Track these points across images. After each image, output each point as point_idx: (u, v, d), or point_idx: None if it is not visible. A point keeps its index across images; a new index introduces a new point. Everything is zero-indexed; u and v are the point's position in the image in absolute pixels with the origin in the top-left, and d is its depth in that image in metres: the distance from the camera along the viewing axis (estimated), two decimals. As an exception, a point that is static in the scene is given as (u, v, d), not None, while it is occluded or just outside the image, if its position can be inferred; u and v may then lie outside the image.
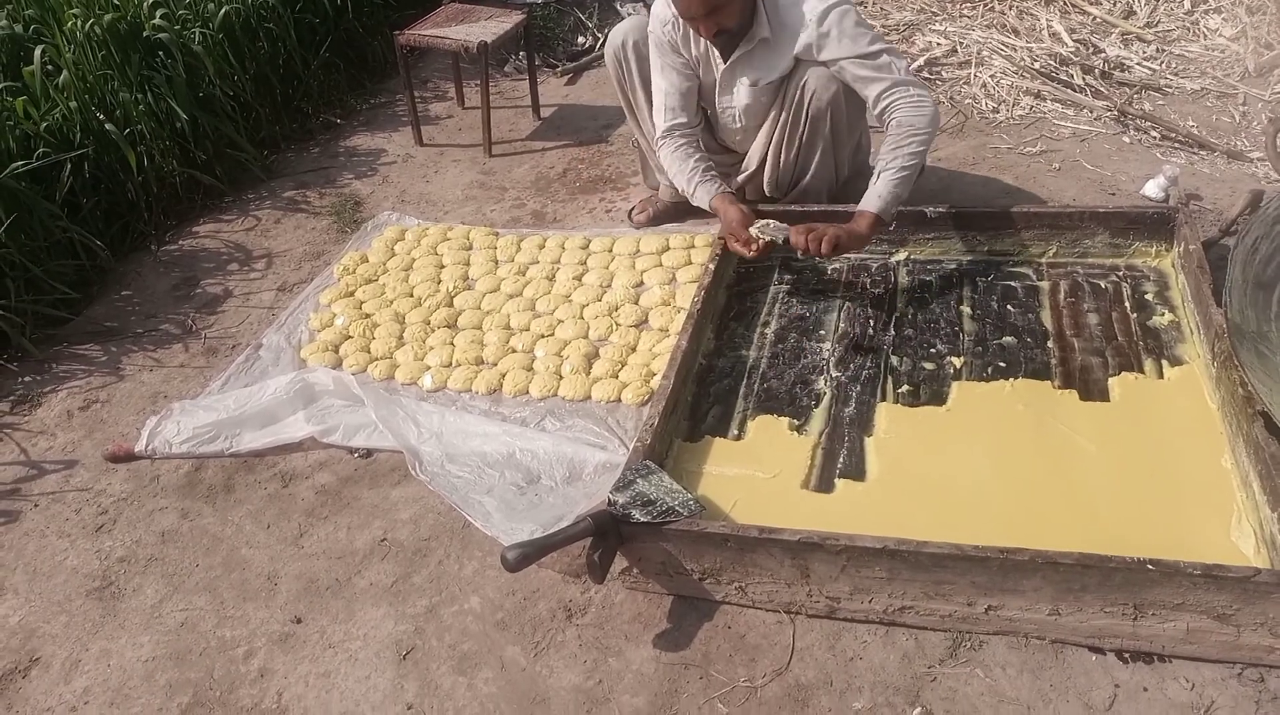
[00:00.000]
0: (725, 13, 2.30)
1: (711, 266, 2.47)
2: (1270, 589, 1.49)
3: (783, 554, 1.69)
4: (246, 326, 2.79)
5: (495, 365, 2.47)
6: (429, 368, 2.49)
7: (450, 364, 2.50)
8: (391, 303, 2.76)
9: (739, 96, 2.55)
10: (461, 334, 2.60)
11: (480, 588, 1.89)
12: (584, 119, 3.72)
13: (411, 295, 2.79)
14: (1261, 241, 2.20)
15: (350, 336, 2.63)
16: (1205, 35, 3.61)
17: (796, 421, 2.11)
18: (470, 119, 3.80)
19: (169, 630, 1.89)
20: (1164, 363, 2.12)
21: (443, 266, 2.90)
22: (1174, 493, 1.80)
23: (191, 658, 1.83)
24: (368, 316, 2.71)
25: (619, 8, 4.64)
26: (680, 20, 2.46)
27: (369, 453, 2.25)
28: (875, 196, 2.29)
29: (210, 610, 1.92)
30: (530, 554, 1.68)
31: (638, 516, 1.72)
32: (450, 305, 2.74)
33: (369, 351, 2.57)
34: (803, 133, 2.52)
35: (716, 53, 2.49)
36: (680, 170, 2.54)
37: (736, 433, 2.11)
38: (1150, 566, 1.53)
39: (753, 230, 2.36)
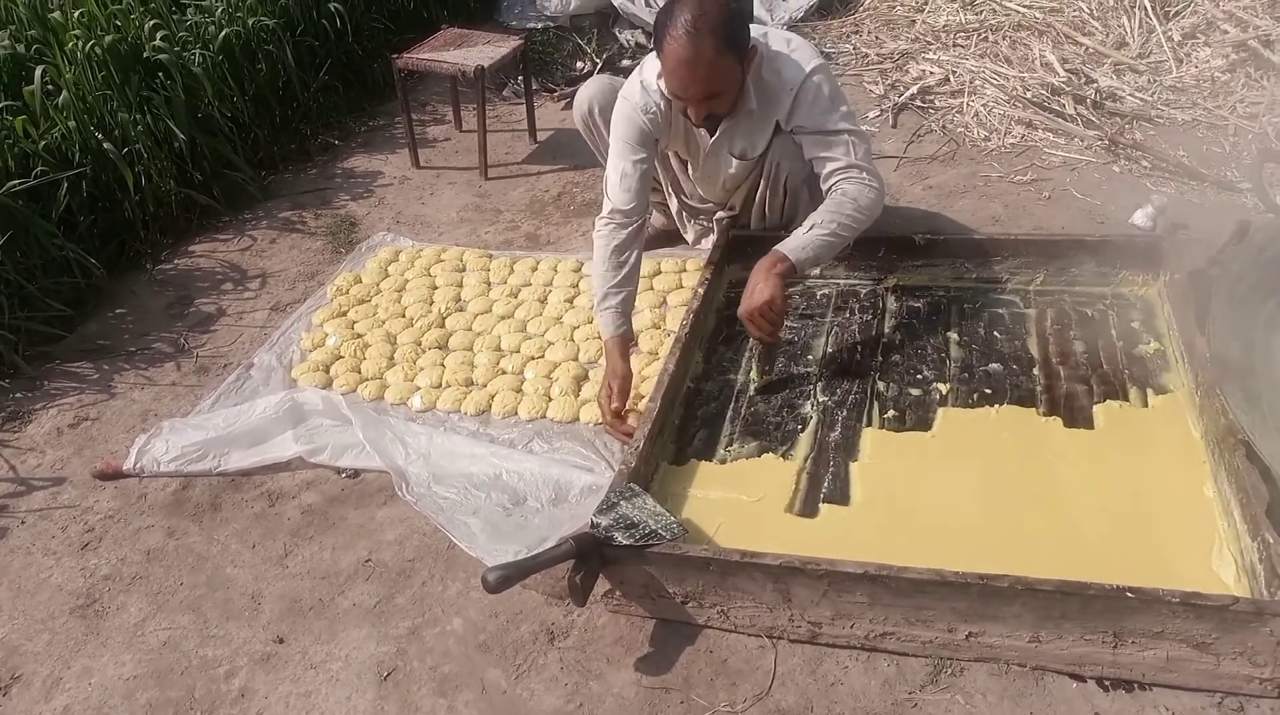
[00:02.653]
0: (720, 101, 2.24)
1: (701, 290, 2.48)
2: (1249, 618, 1.50)
3: (764, 578, 1.69)
4: (239, 346, 2.80)
5: (485, 386, 2.48)
6: (419, 388, 2.50)
7: (440, 385, 2.51)
8: (384, 323, 2.78)
9: (724, 167, 2.53)
10: (452, 355, 2.62)
11: (463, 610, 1.88)
12: (580, 143, 3.69)
13: (404, 316, 2.81)
14: (1247, 272, 2.21)
15: (341, 356, 2.64)
16: (1196, 67, 3.64)
17: (782, 447, 2.12)
18: (467, 142, 3.84)
19: (151, 649, 1.89)
20: (1149, 391, 2.13)
21: (436, 288, 2.91)
22: (1156, 521, 1.81)
23: (173, 677, 1.83)
24: (359, 337, 2.72)
25: (618, 34, 4.69)
26: (661, 106, 2.36)
27: (356, 473, 2.26)
28: (799, 246, 2.19)
29: (193, 629, 1.92)
30: (511, 576, 1.68)
31: (620, 539, 1.72)
32: (442, 326, 2.75)
33: (360, 372, 2.58)
34: (784, 200, 2.56)
35: (703, 130, 2.45)
36: (601, 273, 2.36)
37: (723, 456, 2.12)
38: (1130, 594, 1.53)
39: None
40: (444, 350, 2.65)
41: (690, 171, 2.69)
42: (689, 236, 2.92)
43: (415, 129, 3.77)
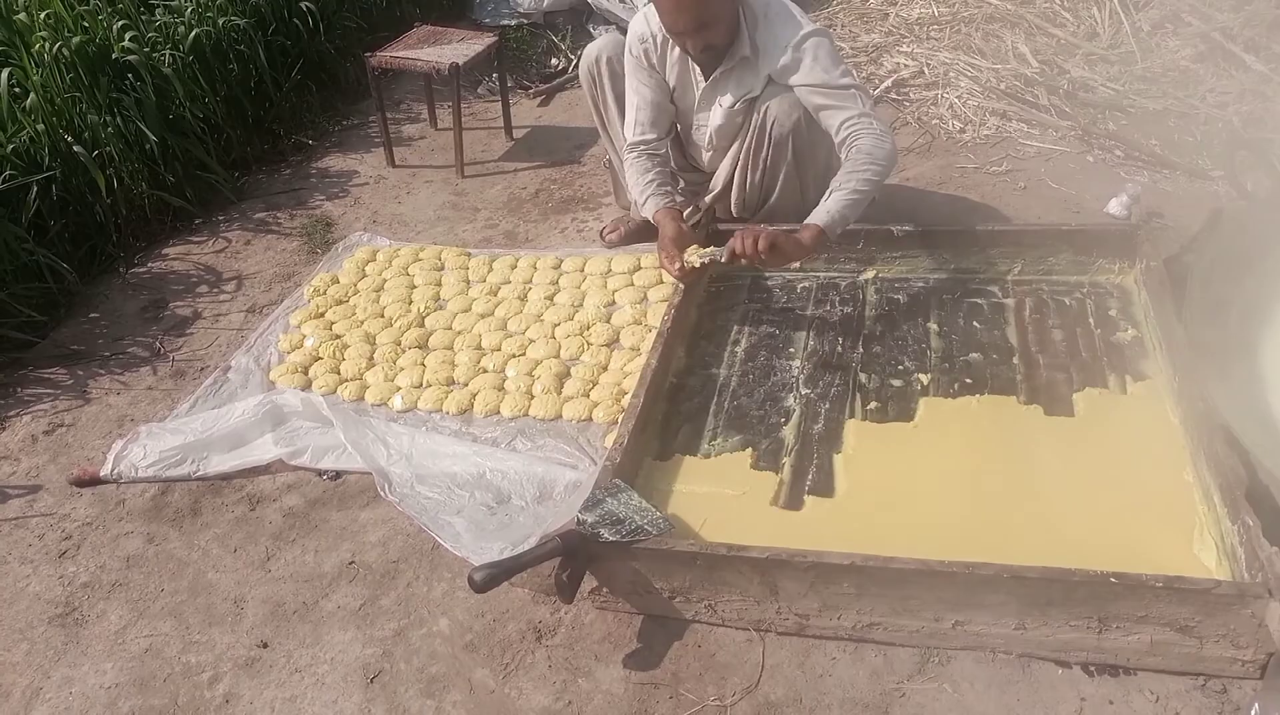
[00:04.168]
0: (714, 30, 2.32)
1: (682, 285, 2.48)
2: (1231, 601, 1.51)
3: (751, 571, 1.69)
4: (215, 349, 2.77)
5: (466, 385, 2.47)
6: (399, 388, 2.48)
7: (421, 384, 2.49)
8: (362, 324, 2.76)
9: (714, 117, 2.57)
10: (433, 354, 2.60)
11: (449, 610, 1.87)
12: (556, 140, 3.74)
13: (382, 316, 2.79)
14: (1221, 258, 2.24)
15: (320, 358, 2.61)
16: (1165, 57, 3.67)
17: (766, 440, 2.12)
18: (443, 140, 3.81)
19: (133, 656, 1.86)
20: (1127, 378, 2.15)
21: (414, 287, 2.89)
22: (1137, 506, 1.82)
23: (155, 684, 1.81)
24: (338, 337, 2.69)
25: (591, 30, 4.67)
26: (659, 38, 2.47)
27: (338, 475, 2.24)
28: (824, 212, 2.26)
29: (175, 635, 1.90)
30: (498, 575, 1.68)
31: (606, 535, 1.72)
32: (421, 326, 2.73)
33: (339, 373, 2.55)
34: (766, 157, 2.55)
35: (698, 70, 2.51)
36: (637, 182, 2.53)
37: (706, 451, 2.12)
38: (1113, 579, 1.54)
39: (687, 255, 2.34)
40: (424, 350, 2.63)
41: (680, 129, 2.71)
42: None
43: (390, 128, 3.75)
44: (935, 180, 3.14)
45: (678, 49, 2.48)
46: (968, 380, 2.21)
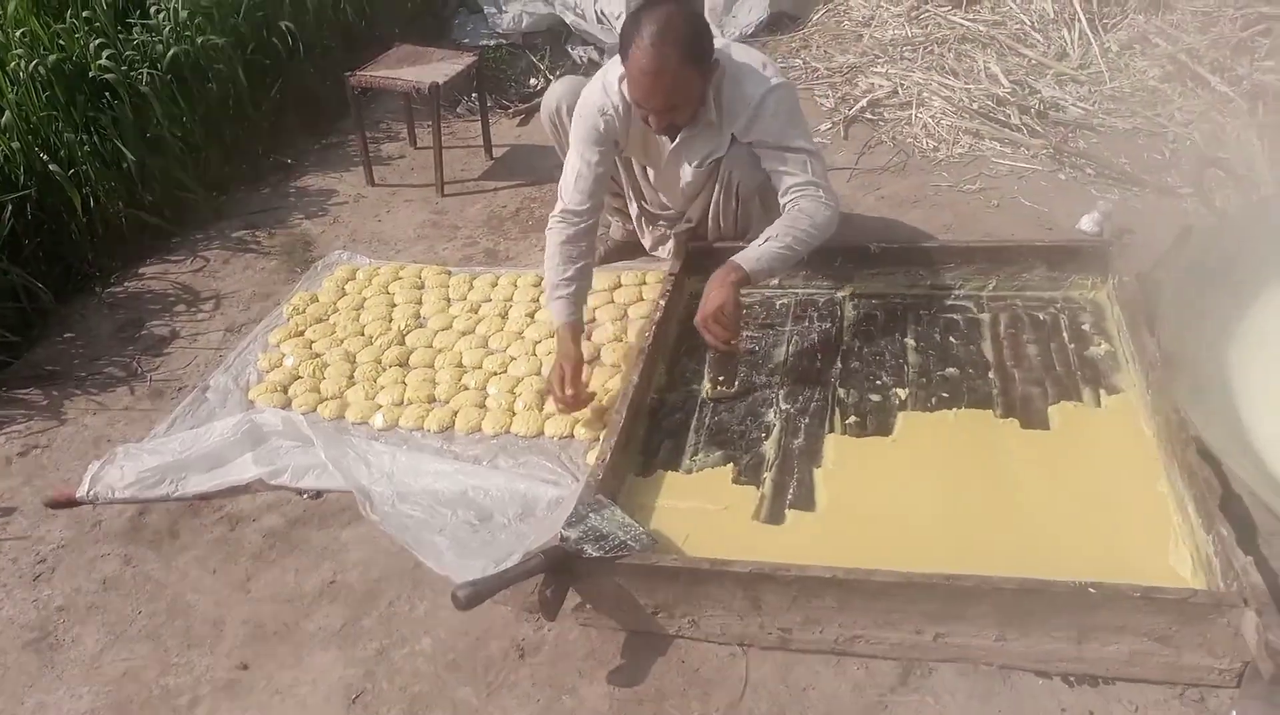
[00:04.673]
0: (681, 112, 2.29)
1: (662, 302, 2.50)
2: (1207, 610, 1.54)
3: (734, 586, 1.70)
4: (193, 368, 2.75)
5: (448, 403, 2.47)
6: (380, 406, 2.47)
7: (402, 402, 2.48)
8: (342, 342, 2.75)
9: (683, 176, 2.56)
10: (413, 372, 2.59)
11: (432, 629, 1.86)
12: (536, 158, 3.75)
13: (363, 334, 2.78)
14: (1191, 274, 2.29)
15: (299, 376, 2.60)
16: (1133, 77, 3.75)
17: (747, 455, 2.13)
18: (423, 159, 3.82)
19: (110, 681, 1.84)
20: (1101, 391, 2.18)
21: (394, 305, 2.89)
22: (1113, 518, 1.85)
23: (133, 708, 1.78)
24: (318, 356, 2.68)
25: (570, 50, 4.71)
26: (621, 108, 2.39)
27: (318, 494, 2.23)
28: (753, 258, 2.23)
29: (153, 659, 1.88)
30: (481, 592, 1.67)
31: (590, 551, 1.72)
32: (402, 343, 2.73)
33: (319, 391, 2.54)
34: (736, 209, 2.59)
35: (662, 137, 2.48)
36: (554, 259, 2.39)
37: (688, 466, 2.13)
38: (1092, 590, 1.57)
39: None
40: (405, 367, 2.63)
41: (649, 177, 2.71)
42: (646, 242, 2.93)
43: (370, 147, 3.75)
44: (910, 198, 3.18)
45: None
46: (944, 394, 2.23)
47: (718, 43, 2.31)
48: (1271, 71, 3.48)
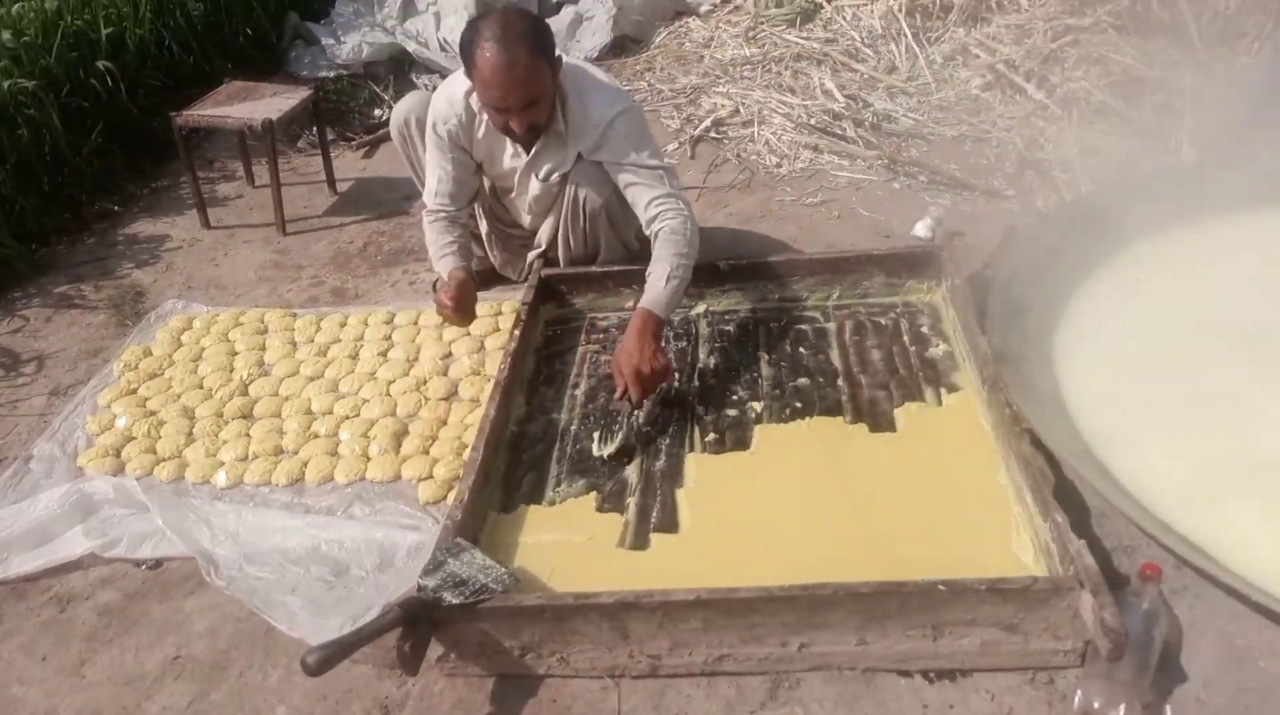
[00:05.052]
0: (540, 108, 2.29)
1: (517, 332, 2.46)
2: (1048, 595, 1.60)
3: (600, 618, 1.68)
4: (14, 438, 2.54)
5: (296, 453, 2.36)
6: (223, 463, 2.34)
7: (247, 457, 2.36)
8: (179, 397, 2.59)
9: (531, 187, 2.57)
10: (258, 424, 2.47)
11: (287, 697, 1.77)
12: (383, 191, 3.67)
13: (202, 387, 2.63)
14: (1017, 271, 2.42)
15: (134, 437, 2.44)
16: (958, 87, 3.95)
17: (609, 481, 2.12)
18: (262, 198, 3.67)
19: (-78, 794, 1.67)
20: (942, 390, 2.26)
21: (236, 353, 2.75)
22: (959, 512, 1.91)
23: (-49, 822, 1.62)
24: (153, 414, 2.52)
25: (415, 79, 4.63)
26: (464, 117, 2.42)
27: (158, 563, 2.08)
28: (665, 302, 2.26)
29: (-27, 764, 1.71)
30: (333, 654, 1.59)
31: (449, 598, 1.67)
32: (245, 394, 2.59)
33: (155, 452, 2.39)
34: (584, 227, 2.59)
35: (509, 143, 2.49)
36: (436, 240, 2.53)
37: (551, 498, 2.09)
38: (941, 587, 1.61)
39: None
40: (249, 419, 2.50)
41: (499, 190, 2.70)
42: (496, 262, 2.90)
43: (203, 188, 3.58)
44: (756, 214, 3.26)
45: (484, 125, 2.45)
46: (797, 404, 2.28)
47: (568, 60, 2.36)
48: (1081, 80, 3.74)
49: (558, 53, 2.31)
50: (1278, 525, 1.77)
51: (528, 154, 2.49)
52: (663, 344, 2.26)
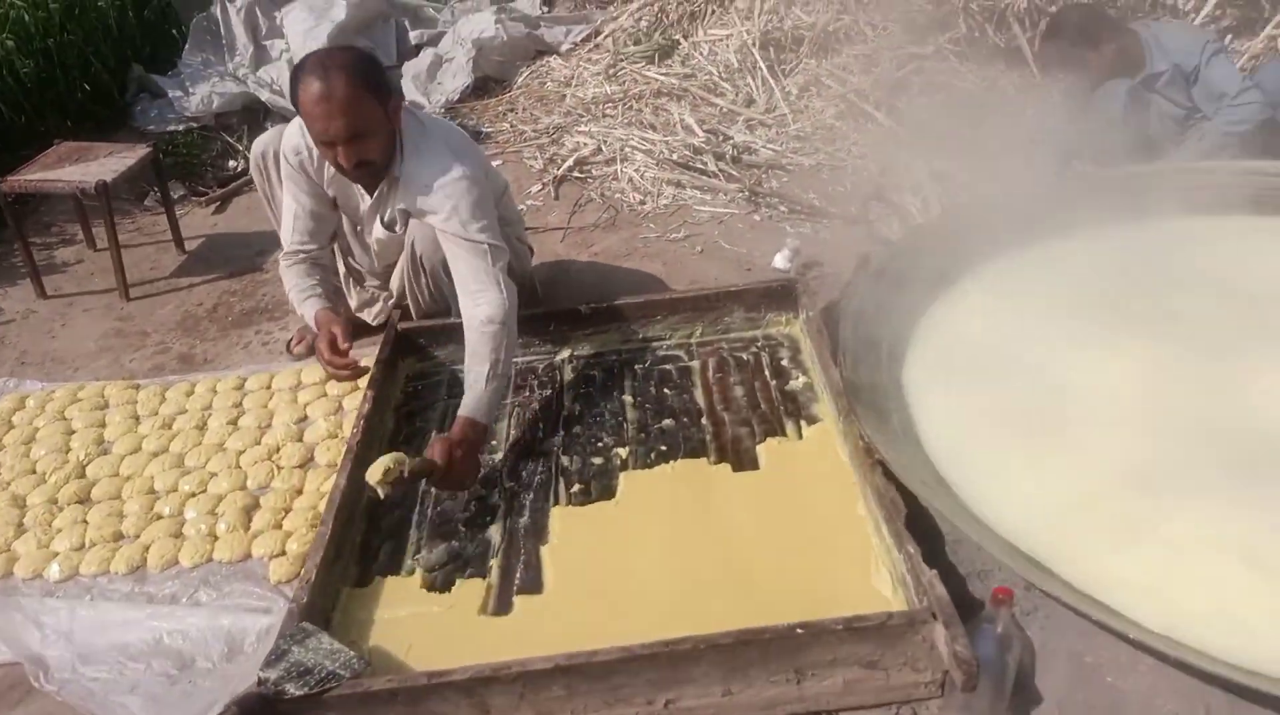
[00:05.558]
0: (368, 144, 2.19)
1: (371, 393, 2.38)
2: (903, 630, 1.61)
3: (457, 696, 1.61)
4: None
5: (138, 538, 2.21)
6: (56, 554, 2.18)
7: (83, 546, 2.20)
8: (9, 485, 2.41)
9: (376, 232, 2.52)
10: (96, 508, 2.31)
11: (122, 811, 1.63)
12: (235, 248, 3.52)
13: (34, 471, 2.45)
14: (869, 298, 2.46)
15: (-45, 534, 2.25)
16: (813, 118, 4.05)
17: (473, 544, 2.05)
18: (103, 262, 3.46)
19: None
20: (802, 423, 2.28)
21: (72, 432, 2.58)
22: (821, 548, 1.92)
23: None
24: (-23, 507, 2.34)
25: (269, 128, 4.48)
26: (314, 151, 2.34)
27: (-22, 673, 1.91)
28: (486, 409, 2.16)
29: None
30: (163, 765, 1.48)
31: (292, 690, 1.57)
32: (82, 476, 2.43)
33: (-21, 548, 2.21)
34: (427, 283, 2.55)
35: (360, 185, 2.43)
36: (298, 283, 2.51)
37: (410, 566, 2.01)
38: (800, 630, 1.60)
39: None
40: (86, 504, 2.33)
41: (358, 233, 2.64)
42: (352, 302, 2.80)
43: (39, 254, 3.39)
44: (621, 253, 3.25)
45: None
46: (663, 447, 2.26)
47: (420, 113, 2.37)
48: (925, 108, 3.87)
49: (404, 98, 2.27)
50: (1122, 540, 1.82)
51: (371, 196, 2.43)
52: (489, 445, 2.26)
